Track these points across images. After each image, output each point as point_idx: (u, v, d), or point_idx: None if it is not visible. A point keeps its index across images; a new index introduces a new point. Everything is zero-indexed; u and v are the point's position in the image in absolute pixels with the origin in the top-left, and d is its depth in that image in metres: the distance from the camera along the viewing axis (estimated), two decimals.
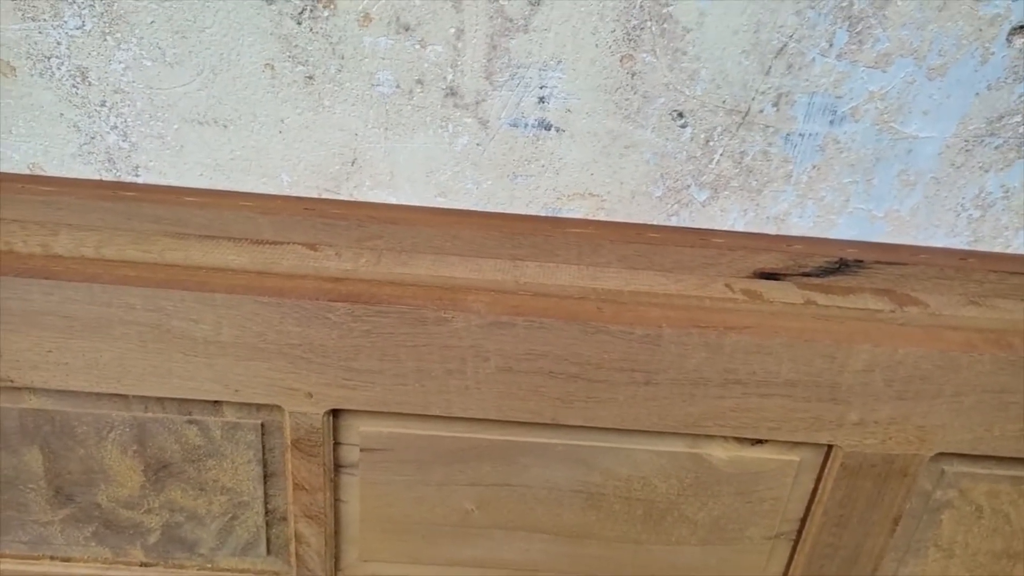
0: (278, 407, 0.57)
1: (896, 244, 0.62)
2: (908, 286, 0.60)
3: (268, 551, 0.63)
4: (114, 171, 0.58)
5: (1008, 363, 0.56)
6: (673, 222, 0.61)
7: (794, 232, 0.61)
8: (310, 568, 0.63)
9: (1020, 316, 0.59)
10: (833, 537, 0.63)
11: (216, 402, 0.57)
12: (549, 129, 0.57)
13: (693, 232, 0.60)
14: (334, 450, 0.59)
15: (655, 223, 0.61)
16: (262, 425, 0.58)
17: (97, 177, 0.58)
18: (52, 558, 0.63)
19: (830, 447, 0.59)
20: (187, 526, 0.62)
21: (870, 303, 0.59)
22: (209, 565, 0.63)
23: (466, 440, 0.59)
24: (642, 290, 0.57)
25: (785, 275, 0.60)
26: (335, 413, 0.57)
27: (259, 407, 0.57)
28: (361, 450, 0.59)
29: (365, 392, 0.56)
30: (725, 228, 0.61)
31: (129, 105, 0.55)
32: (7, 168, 0.58)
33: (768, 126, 0.56)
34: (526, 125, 0.56)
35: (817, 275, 0.60)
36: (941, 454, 0.60)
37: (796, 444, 0.60)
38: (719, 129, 0.56)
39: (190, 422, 0.57)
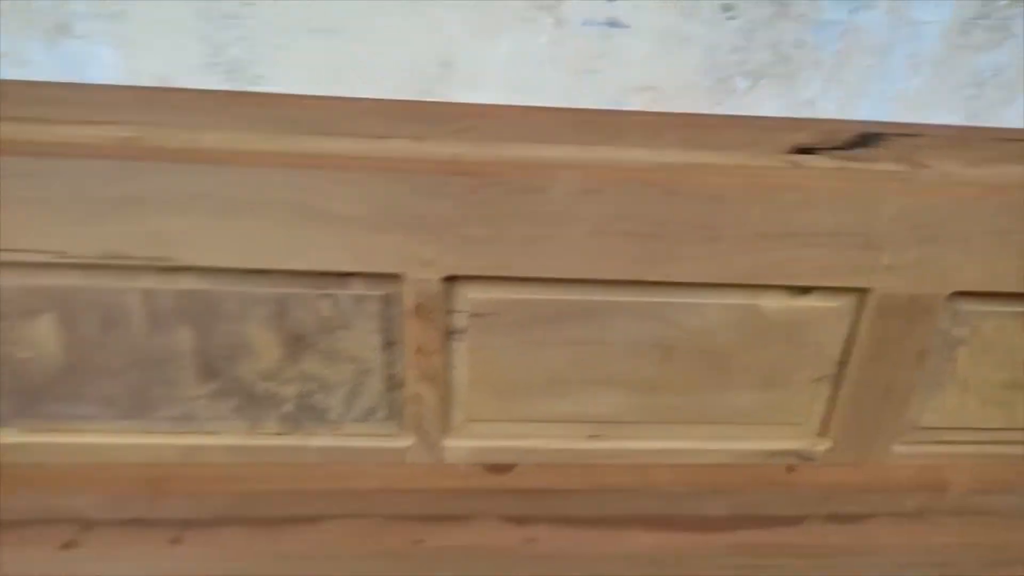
0: (400, 276, 0.66)
1: (907, 122, 0.72)
2: (920, 155, 0.71)
3: (388, 415, 0.72)
4: (237, 81, 0.67)
5: (1007, 207, 0.67)
6: (718, 110, 0.71)
7: (821, 114, 0.72)
8: (424, 428, 0.72)
9: (1015, 172, 0.70)
10: (869, 375, 0.74)
11: (346, 274, 0.66)
12: (617, 27, 0.67)
13: (738, 118, 0.71)
14: (446, 317, 0.68)
15: (704, 112, 0.71)
16: (385, 296, 0.67)
17: (222, 88, 0.67)
18: (197, 432, 0.71)
19: (865, 292, 0.70)
20: (318, 395, 0.71)
21: (891, 168, 0.69)
22: (337, 431, 0.72)
23: (561, 302, 0.68)
24: (702, 163, 0.67)
25: (818, 150, 0.70)
26: (449, 280, 0.66)
27: (383, 277, 0.66)
28: (470, 315, 0.68)
29: (476, 259, 0.65)
30: (764, 114, 0.71)
31: (253, 18, 0.64)
32: (137, 82, 0.66)
33: (802, 15, 0.66)
34: (597, 23, 0.66)
35: (845, 148, 0.71)
36: (955, 293, 0.71)
37: (837, 292, 0.71)
38: (761, 20, 0.66)
39: (323, 295, 0.66)
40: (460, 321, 0.69)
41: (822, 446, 0.78)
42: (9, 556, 0.69)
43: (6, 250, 0.63)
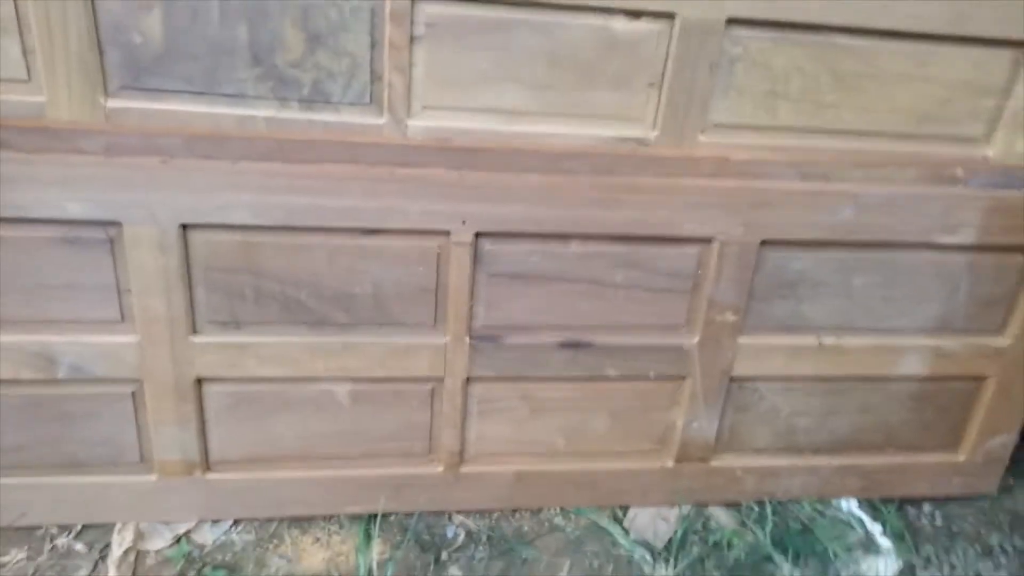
0: None
1: None
2: None
3: (370, 100, 1.09)
4: None
5: None
6: None
7: None
8: (395, 110, 1.10)
9: None
10: (680, 83, 1.14)
11: None
12: None
13: None
14: (411, 25, 1.05)
15: None
16: (371, 8, 1.03)
17: None
18: (246, 106, 1.07)
19: (672, 16, 1.09)
20: (326, 82, 1.07)
21: None
22: (336, 111, 1.09)
23: (484, 17, 1.06)
24: None
25: None
26: None
27: None
28: (426, 25, 1.05)
29: None
30: None
31: None
32: None
33: None
34: None
35: None
36: (731, 20, 1.11)
37: (657, 16, 1.10)
38: None
39: (331, 4, 1.02)
40: (419, 29, 1.06)
41: (653, 134, 1.18)
42: (119, 164, 1.04)
43: None
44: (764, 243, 1.25)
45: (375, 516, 1.36)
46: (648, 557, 1.39)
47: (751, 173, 1.21)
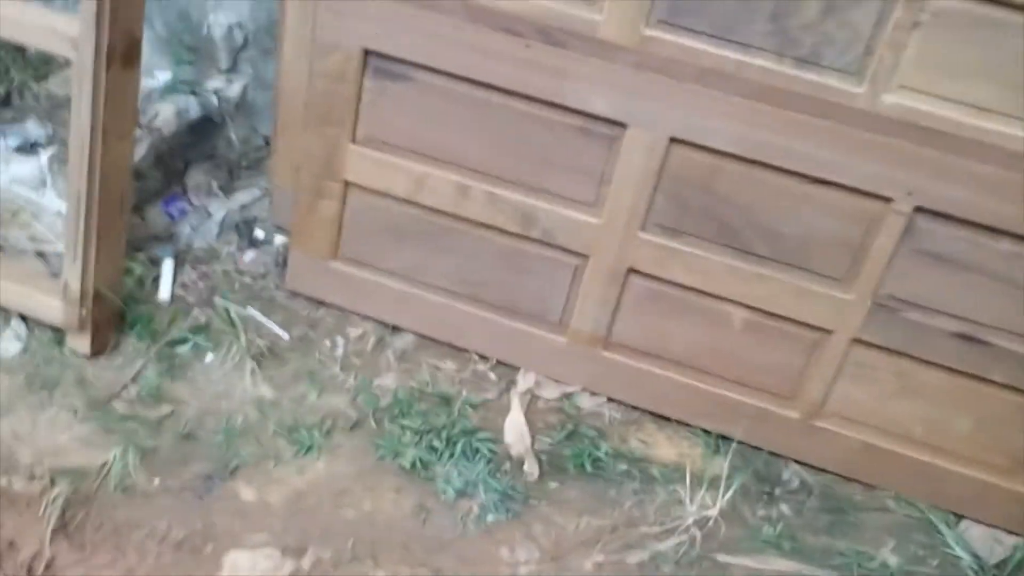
0: None
1: None
2: None
3: (856, 70, 1.25)
4: None
5: None
6: None
7: None
8: (875, 82, 1.24)
9: None
10: None
11: None
12: None
13: None
14: None
15: None
16: None
17: None
18: None
19: None
20: (823, 47, 1.25)
21: None
22: (822, 72, 1.26)
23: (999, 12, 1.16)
24: None
25: None
26: None
27: None
28: (931, 14, 1.18)
29: None
30: None
31: None
32: None
33: None
34: None
35: None
36: None
37: None
38: None
39: None
40: (924, 16, 1.20)
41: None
42: (642, 79, 1.29)
43: None
44: None
45: (722, 437, 1.53)
46: (975, 567, 1.40)
47: None
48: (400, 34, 1.39)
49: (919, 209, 1.28)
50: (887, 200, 1.29)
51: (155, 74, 1.91)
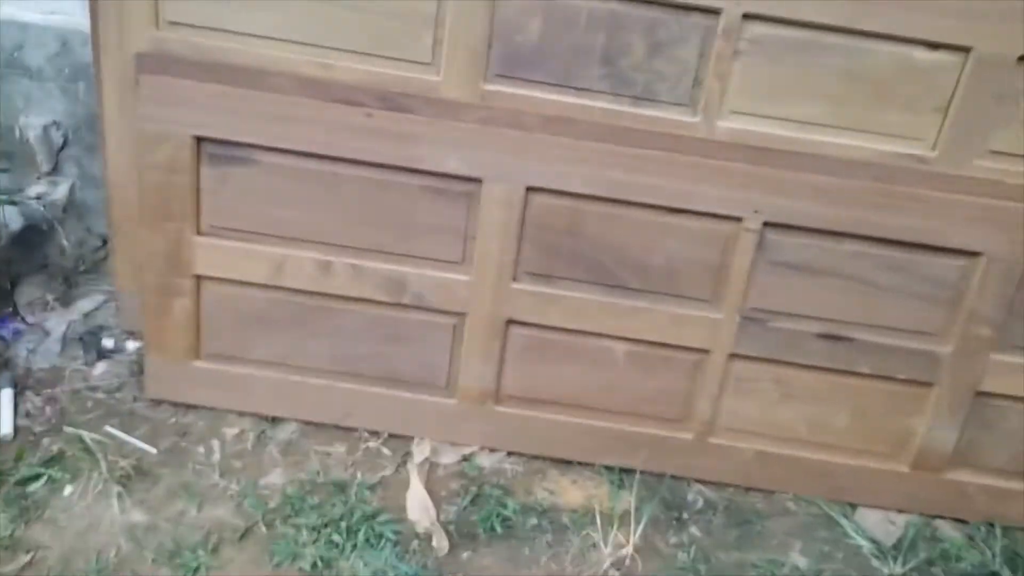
0: None
1: None
2: None
3: (689, 101, 1.30)
4: None
5: None
6: None
7: None
8: (708, 111, 1.30)
9: None
10: (965, 110, 1.27)
11: None
12: None
13: None
14: None
15: None
16: (706, 25, 1.25)
17: None
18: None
19: (971, 50, 1.24)
20: (656, 84, 1.30)
21: None
22: (659, 107, 1.31)
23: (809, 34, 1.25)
24: None
25: None
26: None
27: None
28: (748, 42, 1.26)
29: None
30: None
31: None
32: None
33: None
34: None
35: None
36: None
37: (959, 50, 1.25)
38: None
39: None
40: (742, 45, 1.27)
41: (932, 154, 1.32)
42: (490, 133, 1.29)
43: None
44: None
45: (624, 470, 1.53)
46: (876, 552, 1.46)
47: None
48: (233, 117, 1.33)
49: (767, 224, 1.35)
50: (738, 220, 1.35)
51: None
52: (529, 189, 1.35)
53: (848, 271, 1.38)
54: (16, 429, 1.46)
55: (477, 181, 1.35)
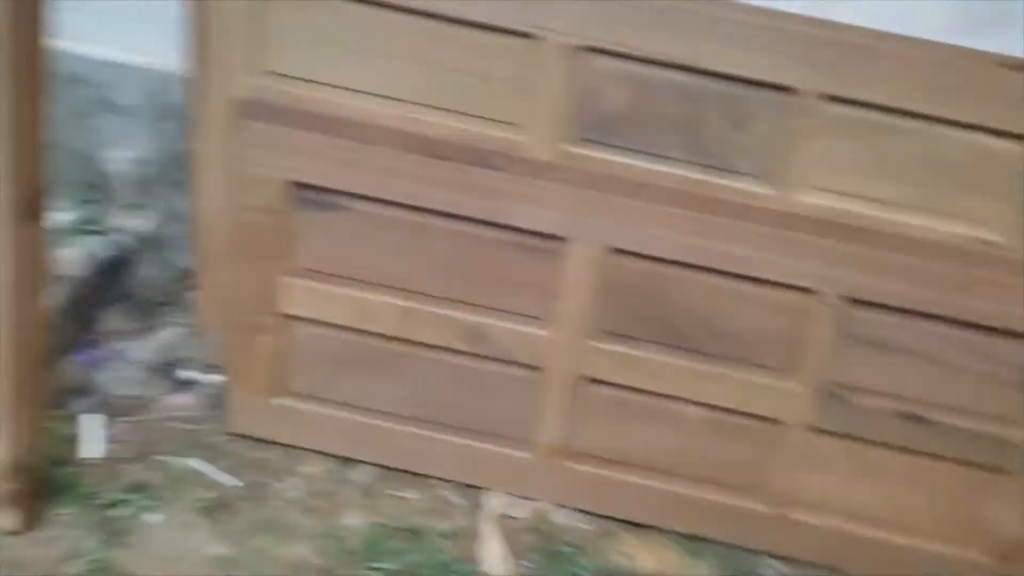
0: None
1: None
2: None
3: (766, 174, 1.33)
4: None
5: None
6: None
7: None
8: (785, 184, 1.32)
9: None
10: None
11: None
12: None
13: None
14: None
15: None
16: (783, 103, 1.28)
17: None
18: None
19: None
20: (733, 156, 1.34)
21: None
22: (737, 178, 1.34)
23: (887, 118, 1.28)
24: None
25: None
26: None
27: None
28: (827, 121, 1.28)
29: None
30: None
31: None
32: None
33: None
34: None
35: None
36: None
37: None
38: None
39: None
40: (820, 123, 1.30)
41: (1004, 239, 1.33)
42: (575, 195, 1.33)
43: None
44: None
45: (695, 538, 1.53)
46: None
47: None
48: (329, 165, 1.45)
49: (847, 298, 1.41)
50: (814, 292, 1.42)
51: (55, 216, 1.83)
52: (611, 250, 1.42)
53: (931, 352, 1.43)
54: (101, 454, 1.55)
55: (561, 240, 1.43)
